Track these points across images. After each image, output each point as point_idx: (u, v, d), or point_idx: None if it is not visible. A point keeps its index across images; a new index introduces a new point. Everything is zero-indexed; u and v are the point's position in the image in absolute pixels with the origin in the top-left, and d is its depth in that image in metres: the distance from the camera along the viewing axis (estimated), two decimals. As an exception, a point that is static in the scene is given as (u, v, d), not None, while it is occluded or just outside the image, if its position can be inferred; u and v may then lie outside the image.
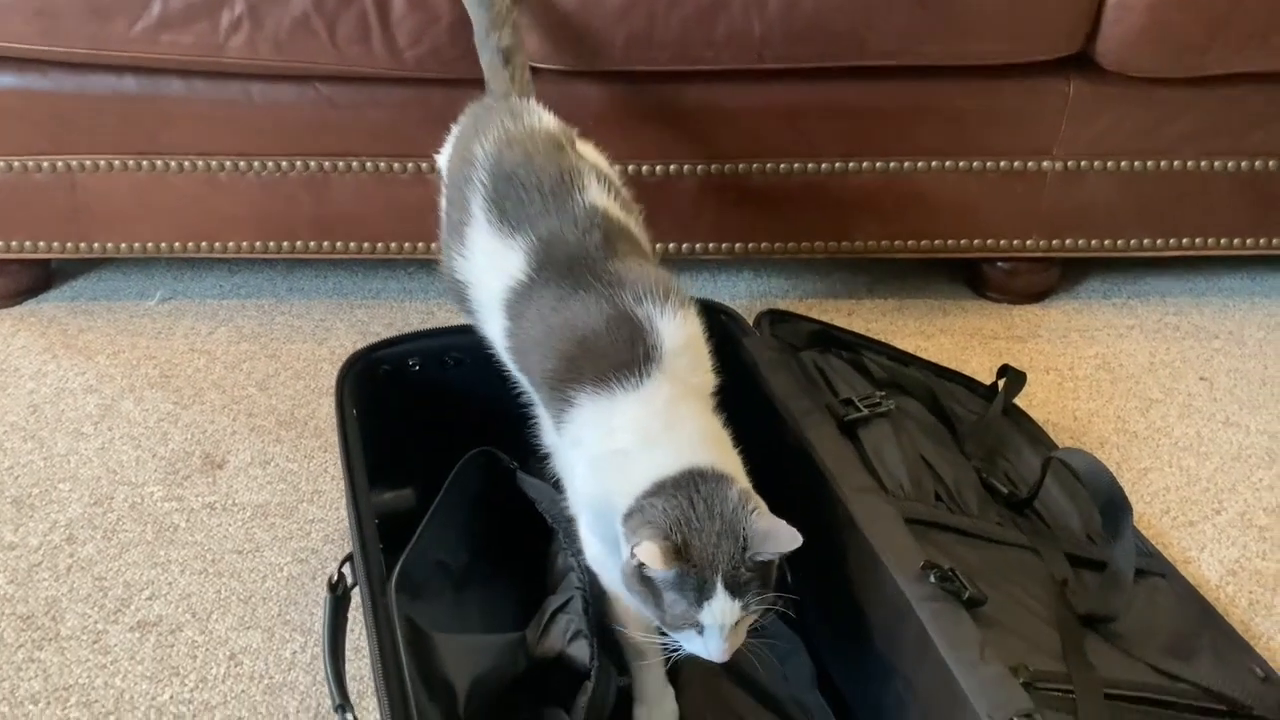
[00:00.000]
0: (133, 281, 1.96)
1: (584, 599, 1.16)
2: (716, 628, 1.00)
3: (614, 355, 1.07)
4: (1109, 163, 1.77)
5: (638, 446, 1.04)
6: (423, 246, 1.79)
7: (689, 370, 1.10)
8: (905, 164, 1.76)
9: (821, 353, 1.54)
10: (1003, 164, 1.77)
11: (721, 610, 0.99)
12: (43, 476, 1.55)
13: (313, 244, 1.80)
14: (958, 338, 1.86)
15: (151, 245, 1.80)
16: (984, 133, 1.75)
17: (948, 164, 1.76)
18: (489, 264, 1.20)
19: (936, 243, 1.85)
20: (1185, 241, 1.86)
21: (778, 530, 0.99)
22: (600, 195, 1.20)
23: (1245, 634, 1.33)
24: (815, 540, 1.17)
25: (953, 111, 1.73)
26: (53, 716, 1.24)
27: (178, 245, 1.80)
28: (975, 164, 1.77)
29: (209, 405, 1.69)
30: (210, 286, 1.95)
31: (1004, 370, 1.61)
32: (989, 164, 1.77)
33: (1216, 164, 1.77)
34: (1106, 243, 1.86)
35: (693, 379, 1.11)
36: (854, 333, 1.62)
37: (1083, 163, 1.77)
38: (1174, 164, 1.77)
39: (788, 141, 1.74)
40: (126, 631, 1.34)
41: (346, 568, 1.16)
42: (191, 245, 1.80)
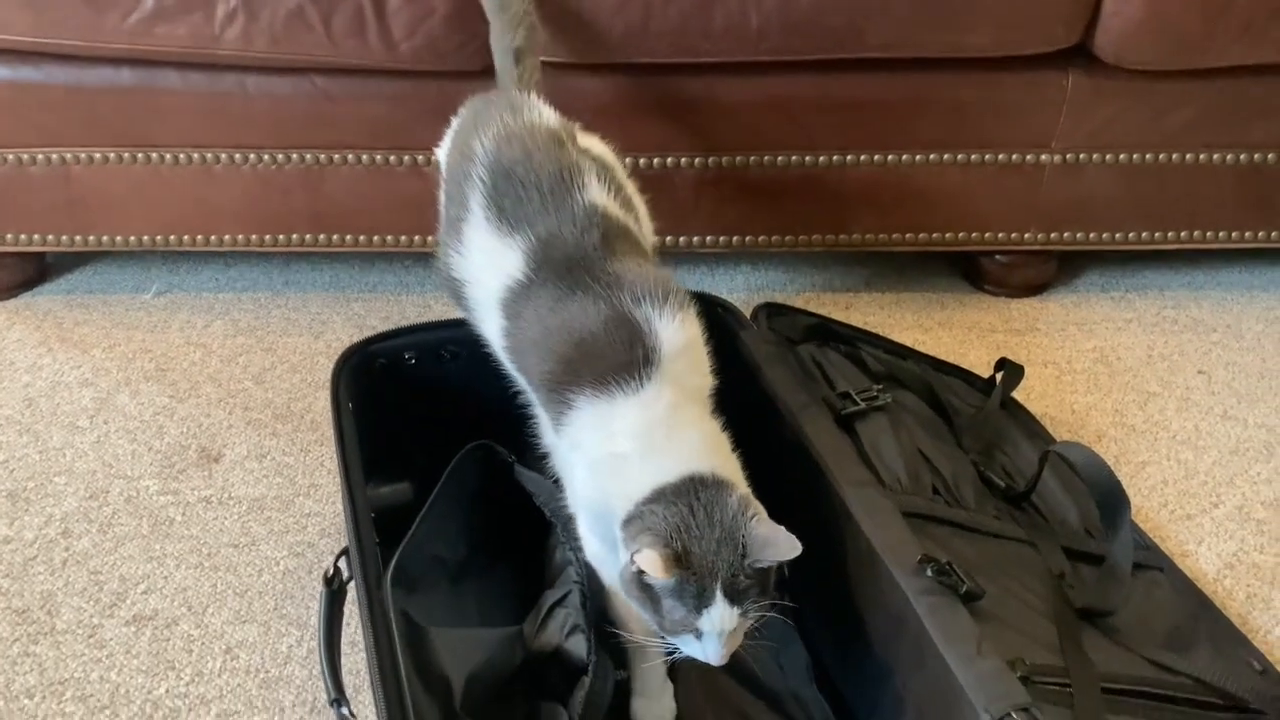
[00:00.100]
0: (128, 275, 1.95)
1: (582, 593, 1.16)
2: (715, 634, 1.00)
3: (613, 357, 1.06)
4: (1107, 155, 1.77)
5: (638, 452, 1.04)
6: (419, 239, 1.78)
7: (688, 373, 1.10)
8: (903, 157, 1.76)
9: (819, 346, 1.53)
10: (1001, 157, 1.76)
11: (720, 617, 0.99)
12: (38, 470, 1.55)
13: (309, 237, 1.80)
14: (955, 331, 1.86)
15: (147, 238, 1.80)
16: (982, 125, 1.74)
17: (946, 157, 1.76)
18: (487, 262, 1.19)
19: (934, 236, 1.85)
20: (1184, 235, 1.86)
21: (777, 537, 0.99)
22: (600, 194, 1.19)
23: (1242, 627, 1.33)
24: (812, 534, 1.17)
25: (951, 104, 1.73)
26: (48, 711, 1.24)
27: (173, 238, 1.80)
28: (973, 157, 1.76)
29: (205, 399, 1.68)
30: (206, 280, 1.95)
31: (1002, 364, 1.61)
32: (987, 157, 1.76)
33: (1215, 157, 1.77)
34: (1105, 236, 1.86)
35: (692, 382, 1.10)
36: (851, 326, 1.62)
37: (1081, 155, 1.77)
38: (1172, 157, 1.77)
39: (785, 134, 1.73)
40: (122, 625, 1.33)
41: (342, 562, 1.16)
42: (187, 238, 1.80)
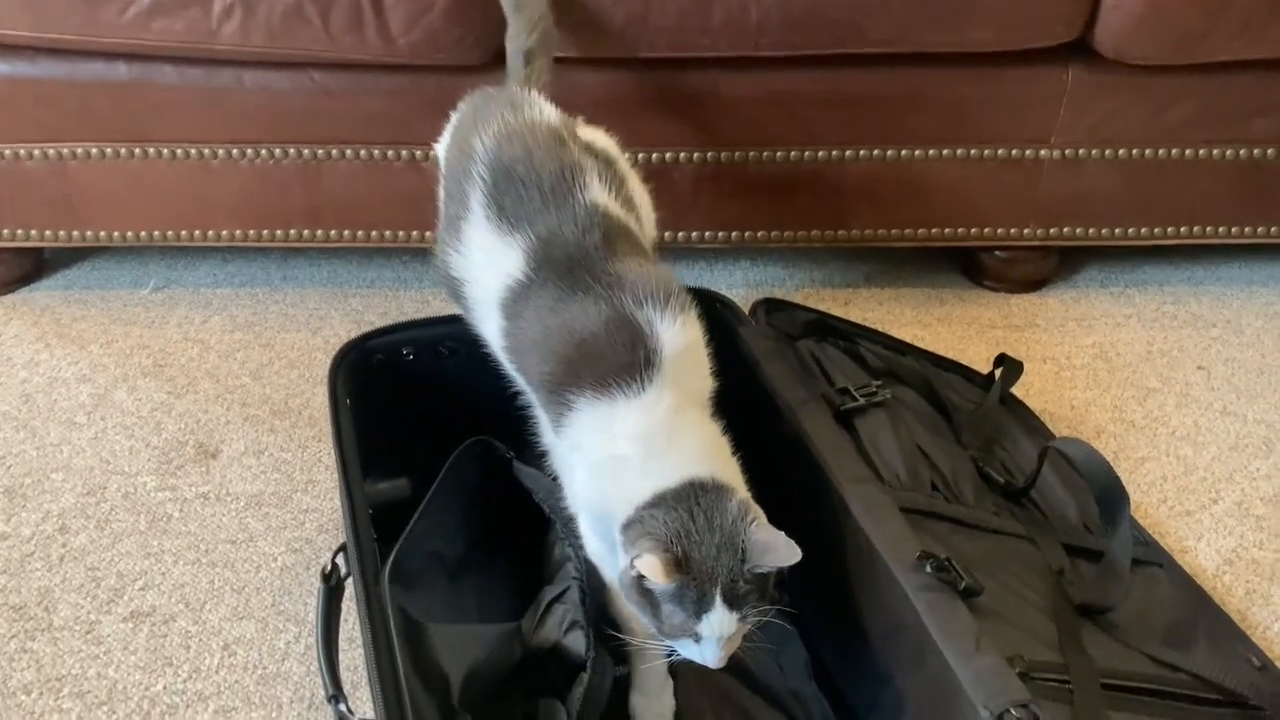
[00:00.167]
0: (126, 270, 1.95)
1: (581, 589, 1.16)
2: (713, 639, 1.00)
3: (614, 359, 1.05)
4: (1107, 151, 1.76)
5: (638, 455, 1.03)
6: (417, 235, 1.78)
7: (689, 376, 1.09)
8: (903, 152, 1.75)
9: (818, 342, 1.53)
10: (1000, 152, 1.76)
11: (719, 622, 0.99)
12: (35, 466, 1.54)
13: (306, 232, 1.79)
14: (955, 327, 1.86)
15: (144, 234, 1.80)
16: (982, 120, 1.74)
17: (945, 152, 1.76)
18: (486, 262, 1.18)
19: (934, 231, 1.84)
20: (1183, 230, 1.85)
21: (777, 543, 0.99)
22: (601, 193, 1.18)
23: (1242, 623, 1.33)
24: (811, 531, 1.17)
25: (951, 99, 1.72)
26: (45, 707, 1.24)
27: (170, 234, 1.80)
28: (973, 152, 1.76)
29: (202, 395, 1.68)
30: (204, 275, 1.94)
31: (1001, 359, 1.61)
32: (987, 152, 1.76)
33: (1215, 152, 1.76)
34: (1104, 231, 1.85)
35: (693, 385, 1.10)
36: (850, 322, 1.62)
37: (1081, 151, 1.76)
38: (1172, 152, 1.76)
39: (785, 129, 1.73)
40: (119, 622, 1.33)
41: (340, 558, 1.16)
42: (184, 234, 1.80)
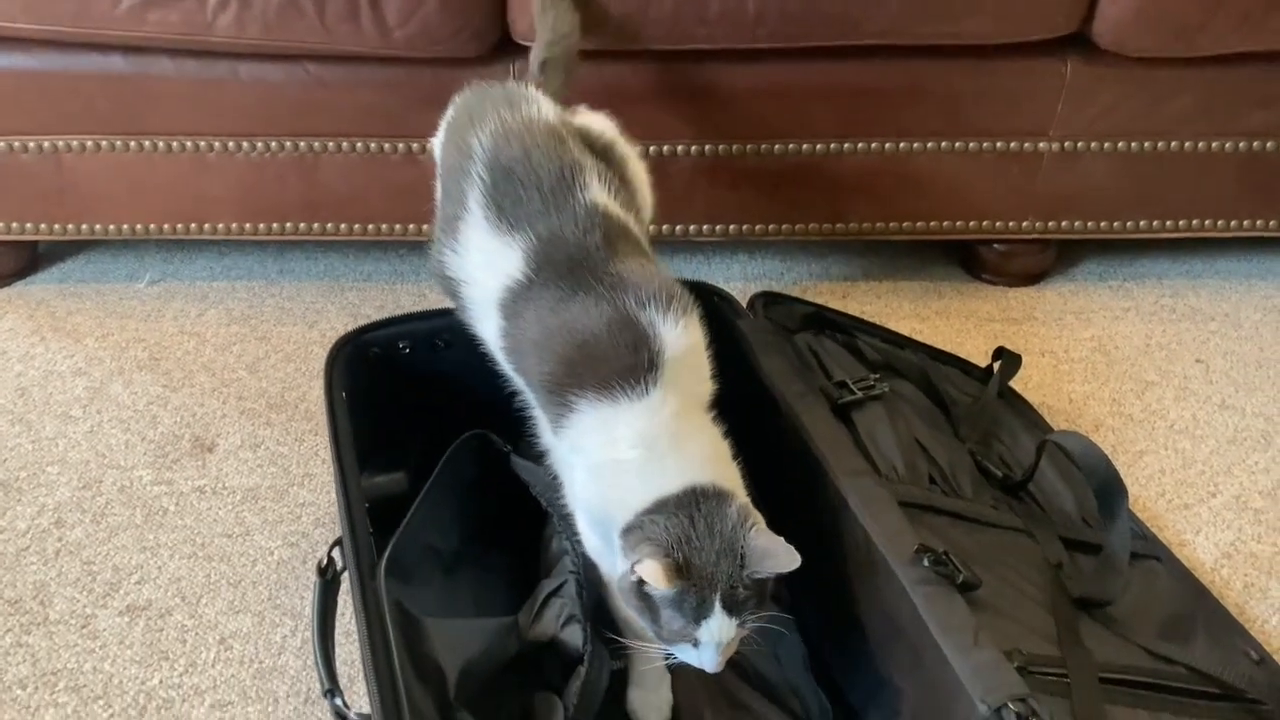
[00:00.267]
0: (122, 264, 1.94)
1: (578, 583, 1.16)
2: (712, 644, 1.00)
3: (616, 361, 1.05)
4: (1105, 144, 1.76)
5: (640, 460, 1.03)
6: (414, 228, 1.77)
7: (690, 379, 1.09)
8: (900, 145, 1.75)
9: (815, 335, 1.53)
10: (999, 145, 1.76)
11: (718, 628, 0.99)
12: (30, 460, 1.54)
13: (303, 225, 1.79)
14: (953, 320, 1.86)
15: (140, 227, 1.79)
16: (980, 113, 1.73)
17: (943, 145, 1.75)
18: (485, 262, 1.17)
19: (932, 224, 1.84)
20: (1182, 223, 1.85)
21: (776, 549, 0.99)
22: (600, 193, 1.17)
23: (1240, 617, 1.33)
24: (808, 525, 1.16)
25: (948, 92, 1.72)
26: (41, 701, 1.23)
27: (166, 227, 1.79)
28: (971, 145, 1.75)
29: (199, 388, 1.67)
30: (200, 269, 1.94)
31: (999, 353, 1.60)
32: (985, 145, 1.76)
33: (1214, 145, 1.76)
34: (1103, 224, 1.85)
35: (694, 387, 1.09)
36: (848, 315, 1.61)
37: (1079, 143, 1.76)
38: (1171, 145, 1.76)
39: (782, 122, 1.73)
40: (115, 616, 1.33)
41: (336, 552, 1.15)
42: (180, 227, 1.79)
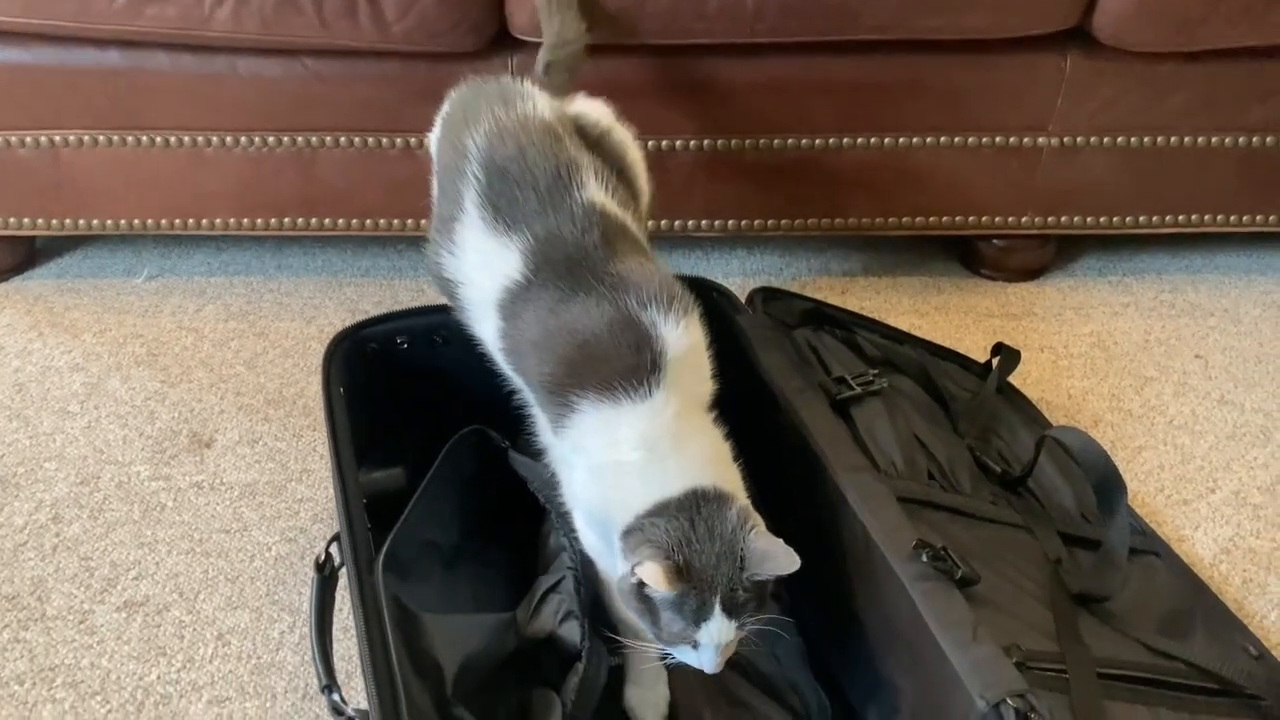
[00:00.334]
0: (119, 259, 1.94)
1: (575, 579, 1.15)
2: (712, 646, 1.01)
3: (618, 362, 1.04)
4: (1105, 138, 1.75)
5: (642, 462, 1.03)
6: (412, 223, 1.77)
7: (692, 379, 1.09)
8: (900, 140, 1.75)
9: (814, 331, 1.52)
10: (998, 140, 1.75)
11: (718, 630, 0.99)
12: (28, 455, 1.54)
13: (300, 221, 1.78)
14: (952, 316, 1.85)
15: (137, 222, 1.79)
16: (979, 108, 1.73)
17: (943, 140, 1.75)
18: (482, 263, 1.16)
19: (931, 220, 1.84)
20: (1181, 218, 1.85)
21: (776, 551, 0.99)
22: (598, 191, 1.17)
23: (1238, 612, 1.32)
24: (807, 520, 1.16)
25: (948, 86, 1.71)
26: (39, 697, 1.23)
27: (164, 222, 1.79)
28: (970, 140, 1.75)
29: (196, 384, 1.67)
30: (198, 264, 1.93)
31: (998, 348, 1.60)
32: (984, 140, 1.75)
33: (1214, 140, 1.76)
34: (1102, 220, 1.85)
35: (695, 388, 1.09)
36: (847, 310, 1.61)
37: (1079, 138, 1.75)
38: (1171, 140, 1.76)
39: (781, 117, 1.72)
40: (113, 611, 1.33)
41: (334, 548, 1.15)
42: (178, 222, 1.79)
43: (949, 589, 1.05)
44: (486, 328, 1.18)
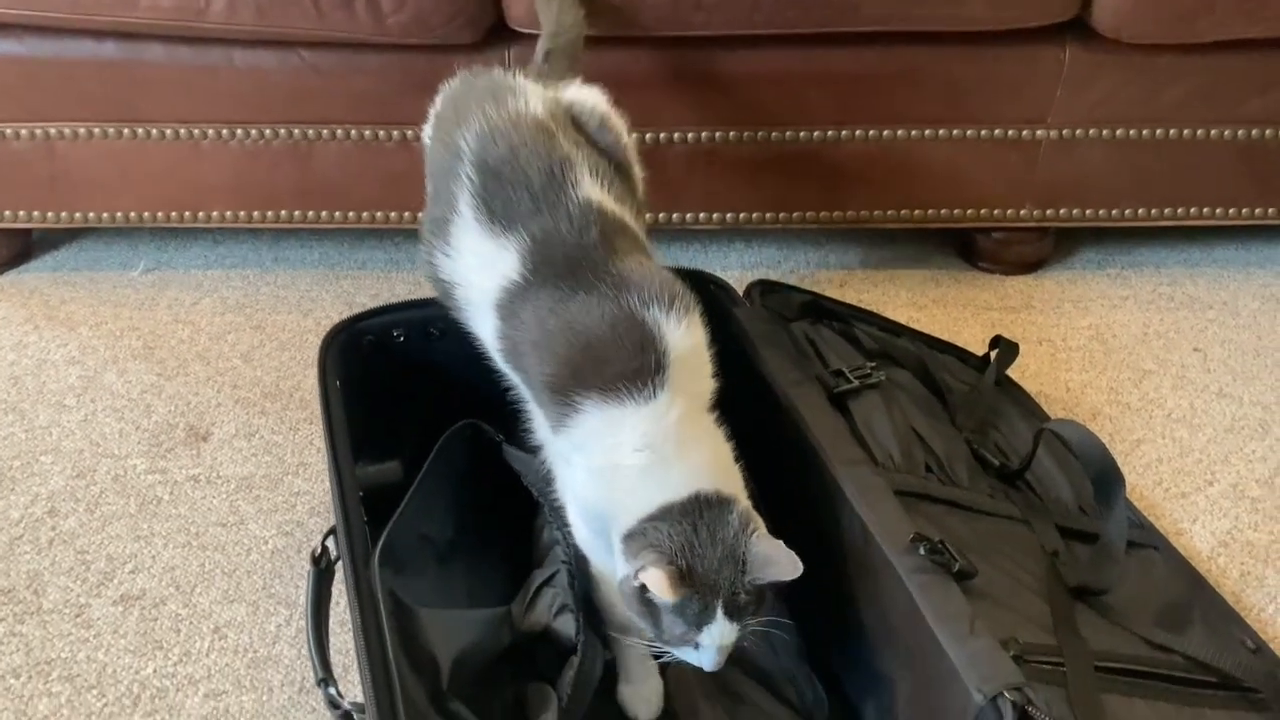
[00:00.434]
0: (115, 252, 1.93)
1: (569, 573, 1.15)
2: (713, 647, 1.00)
3: (621, 364, 1.04)
4: (1104, 131, 1.75)
5: (646, 465, 1.02)
6: (409, 216, 1.77)
7: (694, 378, 1.08)
8: (898, 132, 1.74)
9: (812, 323, 1.52)
10: (997, 132, 1.75)
11: (720, 633, 0.99)
12: (24, 449, 1.53)
13: (297, 213, 1.78)
14: (950, 308, 1.85)
15: (134, 215, 1.78)
16: (978, 100, 1.72)
17: (941, 132, 1.74)
18: (479, 265, 1.15)
19: (929, 212, 1.83)
20: (1180, 211, 1.84)
21: (778, 556, 0.99)
22: (593, 187, 1.16)
23: (1236, 605, 1.32)
24: (804, 513, 1.16)
25: (946, 79, 1.71)
26: (34, 690, 1.23)
27: (160, 215, 1.78)
28: (969, 132, 1.75)
29: (193, 377, 1.67)
30: (194, 257, 1.93)
31: (996, 341, 1.60)
32: (983, 132, 1.75)
33: (1213, 132, 1.75)
34: (1101, 212, 1.84)
35: (697, 387, 1.09)
36: (845, 303, 1.61)
37: (1077, 131, 1.75)
38: (1169, 132, 1.75)
39: (780, 109, 1.72)
40: (109, 605, 1.33)
41: (330, 541, 1.15)
42: (174, 215, 1.78)
43: (946, 582, 1.05)
44: (485, 328, 1.17)
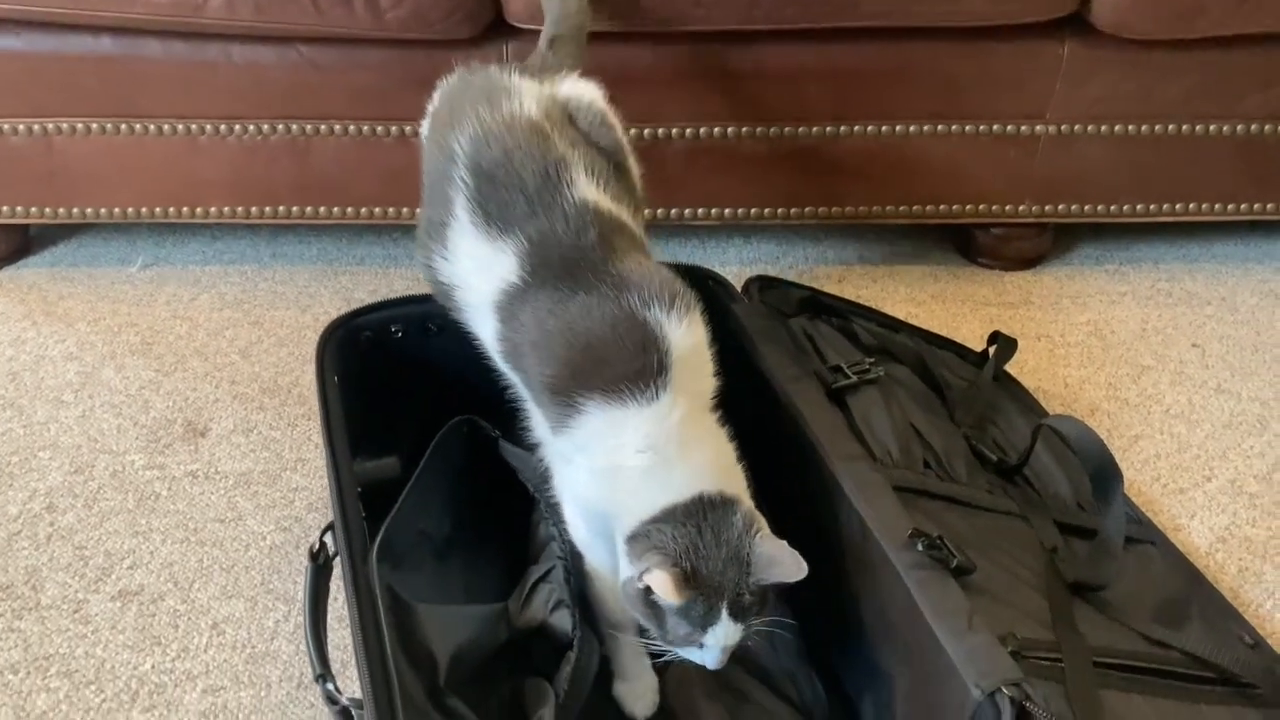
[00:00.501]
0: (114, 247, 1.93)
1: (565, 569, 1.15)
2: (717, 647, 1.01)
3: (624, 364, 1.03)
4: (1103, 126, 1.75)
5: (649, 466, 1.02)
6: (407, 212, 1.76)
7: (696, 378, 1.08)
8: (897, 127, 1.74)
9: (810, 319, 1.52)
10: (995, 127, 1.75)
11: (724, 634, 1.00)
12: (22, 445, 1.53)
13: (295, 209, 1.78)
14: (948, 304, 1.85)
15: (131, 210, 1.78)
16: (977, 95, 1.72)
17: (940, 127, 1.74)
18: (477, 267, 1.15)
19: (928, 208, 1.83)
20: (1179, 207, 1.84)
21: (783, 557, 0.99)
22: (589, 188, 1.15)
23: (1234, 601, 1.32)
24: (802, 509, 1.16)
25: (945, 74, 1.71)
26: (33, 686, 1.23)
27: (158, 210, 1.78)
28: (968, 127, 1.75)
29: (191, 373, 1.67)
30: (193, 253, 1.93)
31: (995, 337, 1.60)
32: (981, 127, 1.75)
33: (1211, 128, 1.75)
34: (1099, 208, 1.84)
35: (699, 386, 1.09)
36: (843, 299, 1.61)
37: (1076, 126, 1.75)
38: (1168, 128, 1.75)
39: (778, 105, 1.71)
40: (107, 601, 1.32)
41: (328, 537, 1.15)
42: (172, 210, 1.78)
43: (944, 578, 1.05)
44: (485, 330, 1.17)
